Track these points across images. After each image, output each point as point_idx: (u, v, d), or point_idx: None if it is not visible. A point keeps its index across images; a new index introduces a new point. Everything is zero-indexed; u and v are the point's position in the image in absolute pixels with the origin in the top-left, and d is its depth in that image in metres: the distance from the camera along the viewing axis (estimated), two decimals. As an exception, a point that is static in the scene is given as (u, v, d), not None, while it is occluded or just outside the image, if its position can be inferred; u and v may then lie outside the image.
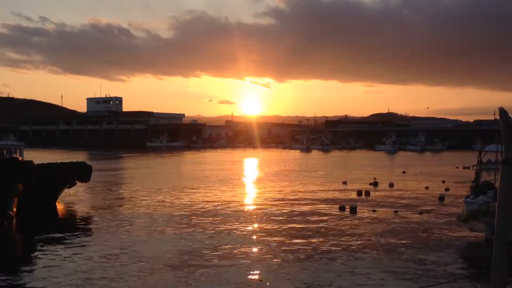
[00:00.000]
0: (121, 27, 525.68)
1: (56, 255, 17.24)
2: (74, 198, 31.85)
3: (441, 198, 31.72)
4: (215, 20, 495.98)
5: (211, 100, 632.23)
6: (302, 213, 26.08)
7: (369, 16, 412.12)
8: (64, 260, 16.49)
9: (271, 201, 30.95)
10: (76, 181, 30.73)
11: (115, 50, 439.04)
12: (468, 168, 55.69)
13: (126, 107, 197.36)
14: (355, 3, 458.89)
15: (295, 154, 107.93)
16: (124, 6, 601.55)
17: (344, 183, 42.13)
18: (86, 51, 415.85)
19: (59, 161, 33.34)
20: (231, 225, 22.59)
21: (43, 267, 15.74)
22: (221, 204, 29.20)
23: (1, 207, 22.10)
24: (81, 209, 28.13)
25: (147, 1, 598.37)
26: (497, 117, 3.92)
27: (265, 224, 23.07)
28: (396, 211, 26.71)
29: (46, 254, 17.36)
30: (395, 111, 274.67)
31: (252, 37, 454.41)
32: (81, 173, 30.05)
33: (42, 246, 18.80)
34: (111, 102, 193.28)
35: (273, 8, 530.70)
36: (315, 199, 31.77)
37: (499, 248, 3.40)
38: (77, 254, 17.40)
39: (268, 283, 14.08)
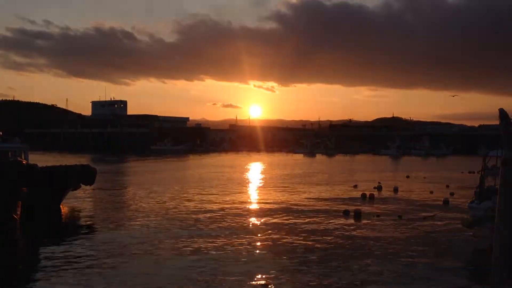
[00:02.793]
0: (125, 31, 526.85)
1: (60, 259, 17.27)
2: (78, 201, 31.90)
3: (446, 202, 31.60)
4: (218, 24, 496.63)
5: (215, 104, 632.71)
6: (307, 218, 26.04)
7: (372, 20, 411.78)
8: (68, 264, 16.52)
9: (275, 204, 30.91)
10: (81, 184, 30.77)
11: (119, 54, 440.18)
12: (473, 173, 55.51)
13: (131, 110, 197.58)
14: (357, 7, 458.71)
15: (299, 158, 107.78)
16: (127, 10, 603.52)
17: (355, 186, 42.37)
18: (90, 54, 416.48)
19: (63, 164, 33.38)
20: (234, 229, 22.58)
21: (47, 271, 15.77)
22: (225, 209, 29.21)
23: (6, 210, 22.17)
24: (85, 213, 28.18)
25: (150, 5, 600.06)
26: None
27: (268, 228, 23.04)
28: (400, 216, 26.63)
29: (50, 258, 17.39)
30: (399, 116, 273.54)
31: (256, 41, 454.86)
32: (85, 176, 30.06)
33: (46, 249, 18.84)
34: (116, 106, 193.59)
35: (276, 12, 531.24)
36: (320, 204, 31.73)
37: (499, 249, 3.41)
38: (81, 258, 17.43)
39: (272, 286, 14.08)
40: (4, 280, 14.75)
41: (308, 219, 25.45)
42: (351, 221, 25.42)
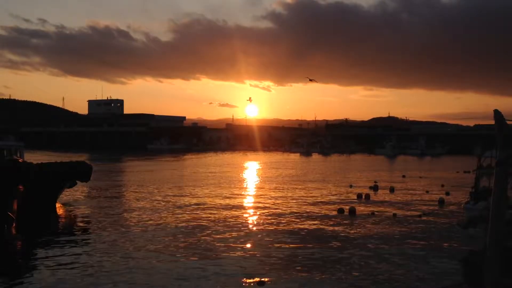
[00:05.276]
0: (120, 29, 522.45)
1: (56, 258, 17.27)
2: (74, 199, 31.88)
3: (441, 202, 31.77)
4: (214, 23, 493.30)
5: (211, 103, 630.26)
6: (301, 216, 26.10)
7: (368, 20, 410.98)
8: (64, 264, 16.52)
9: (270, 203, 30.96)
10: (77, 181, 30.76)
11: (115, 52, 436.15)
12: (469, 172, 55.77)
13: (127, 109, 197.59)
14: (353, 7, 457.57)
15: (296, 157, 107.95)
16: (122, 9, 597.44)
17: (350, 185, 42.52)
18: (86, 53, 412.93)
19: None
20: (230, 228, 22.61)
21: (43, 270, 15.78)
22: (221, 208, 29.24)
23: (2, 209, 22.12)
24: (81, 211, 28.16)
25: (145, 3, 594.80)
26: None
27: (263, 227, 23.10)
28: (395, 215, 26.72)
29: (46, 257, 17.40)
30: (395, 115, 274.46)
31: (251, 40, 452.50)
32: (81, 172, 30.05)
33: (42, 248, 18.84)
34: (112, 105, 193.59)
35: (271, 12, 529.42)
36: (315, 202, 31.79)
37: (492, 249, 3.46)
38: (77, 257, 17.44)
39: (268, 284, 14.12)
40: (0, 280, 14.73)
41: (303, 218, 25.50)
42: (346, 219, 25.49)
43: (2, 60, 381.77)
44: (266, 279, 14.57)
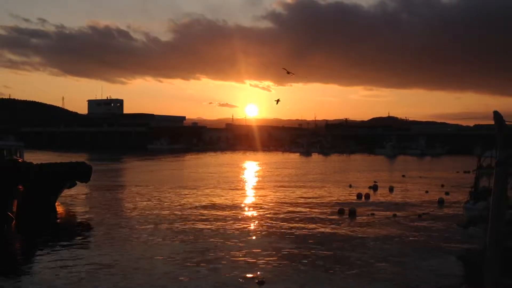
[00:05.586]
0: (120, 29, 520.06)
1: (55, 258, 17.27)
2: (74, 199, 31.87)
3: (441, 202, 31.79)
4: (214, 23, 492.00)
5: (211, 103, 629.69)
6: (301, 217, 26.10)
7: (368, 20, 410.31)
8: (64, 263, 16.52)
9: (270, 203, 30.96)
10: (76, 181, 30.77)
11: (115, 52, 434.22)
12: (469, 172, 55.74)
13: (127, 109, 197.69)
14: (353, 7, 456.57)
15: (295, 157, 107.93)
16: (122, 9, 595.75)
17: (350, 185, 42.48)
18: (86, 53, 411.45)
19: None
20: (230, 228, 22.62)
21: (43, 270, 15.77)
22: (221, 208, 29.26)
23: (2, 209, 22.12)
24: (80, 211, 28.16)
25: (145, 3, 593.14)
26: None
27: (264, 227, 23.10)
28: (395, 215, 26.72)
29: (45, 257, 17.39)
30: (395, 115, 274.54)
31: (251, 40, 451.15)
32: (81, 173, 30.07)
33: (41, 248, 18.83)
34: (112, 105, 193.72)
35: (271, 12, 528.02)
36: (314, 202, 31.79)
37: (492, 248, 3.46)
38: (77, 257, 17.43)
39: (268, 284, 14.13)
40: None
41: (303, 217, 25.49)
42: (346, 219, 25.50)
43: (2, 60, 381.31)
44: (266, 279, 14.57)
